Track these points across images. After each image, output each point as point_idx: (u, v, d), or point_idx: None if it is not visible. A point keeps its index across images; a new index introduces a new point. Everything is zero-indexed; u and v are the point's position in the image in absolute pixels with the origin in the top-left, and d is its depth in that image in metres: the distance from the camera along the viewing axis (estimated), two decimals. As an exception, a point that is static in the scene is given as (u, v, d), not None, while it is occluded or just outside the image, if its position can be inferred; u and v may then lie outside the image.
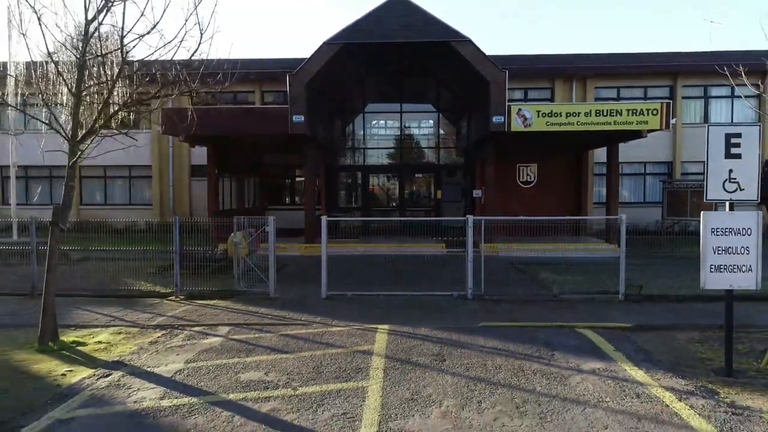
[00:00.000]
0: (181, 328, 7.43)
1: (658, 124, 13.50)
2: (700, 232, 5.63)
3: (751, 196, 5.59)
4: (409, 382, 5.26)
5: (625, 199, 20.20)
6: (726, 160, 5.61)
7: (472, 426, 4.30)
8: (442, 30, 13.89)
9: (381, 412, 4.54)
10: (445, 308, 8.51)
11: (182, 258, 9.91)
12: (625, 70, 19.74)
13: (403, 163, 21.35)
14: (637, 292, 9.30)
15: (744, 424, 4.33)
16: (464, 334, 6.93)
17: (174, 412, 4.60)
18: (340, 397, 4.88)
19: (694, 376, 5.44)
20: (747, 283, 5.55)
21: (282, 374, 5.47)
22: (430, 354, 6.13)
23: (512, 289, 9.95)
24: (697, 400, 4.83)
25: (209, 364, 5.83)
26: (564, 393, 4.99)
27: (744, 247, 5.53)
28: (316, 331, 7.19)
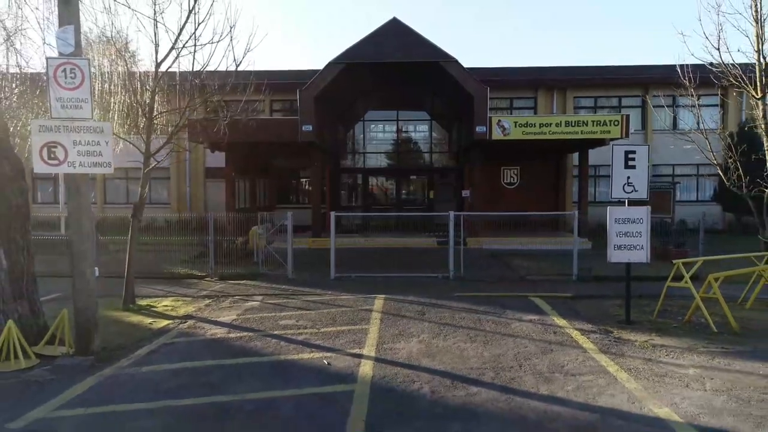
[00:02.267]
0: (224, 297, 9.81)
1: (619, 133, 15.91)
2: (607, 221, 8.00)
3: (642, 195, 7.97)
4: (398, 326, 7.64)
5: (604, 197, 22.60)
6: (625, 170, 7.99)
7: (438, 347, 6.67)
8: (432, 51, 16.28)
9: (378, 340, 6.92)
10: (430, 285, 10.88)
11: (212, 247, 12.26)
12: (601, 81, 22.12)
13: (400, 166, 23.73)
14: (587, 274, 11.66)
15: (617, 346, 6.71)
16: (441, 300, 9.32)
17: (239, 340, 6.98)
18: (350, 333, 7.26)
19: (601, 323, 7.82)
20: (639, 258, 7.92)
21: (308, 321, 7.86)
22: (414, 311, 8.52)
23: (488, 272, 12.32)
24: (594, 335, 7.21)
25: (254, 316, 8.22)
26: (504, 331, 7.38)
27: (638, 232, 7.91)
28: (329, 298, 9.58)
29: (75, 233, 6.17)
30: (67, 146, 5.92)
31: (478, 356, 6.28)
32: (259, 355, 6.41)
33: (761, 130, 9.41)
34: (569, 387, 5.32)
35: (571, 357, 6.27)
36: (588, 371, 5.78)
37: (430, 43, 16.45)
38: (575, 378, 5.57)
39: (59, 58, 5.85)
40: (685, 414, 4.66)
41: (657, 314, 8.21)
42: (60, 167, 5.97)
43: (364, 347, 6.60)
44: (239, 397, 5.07)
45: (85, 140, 5.97)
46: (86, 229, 6.20)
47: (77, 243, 6.13)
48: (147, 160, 8.97)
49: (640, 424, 4.49)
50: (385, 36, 16.52)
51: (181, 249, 13.97)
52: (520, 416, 4.67)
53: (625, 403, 4.91)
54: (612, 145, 8.12)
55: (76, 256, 6.14)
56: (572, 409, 4.82)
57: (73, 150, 5.94)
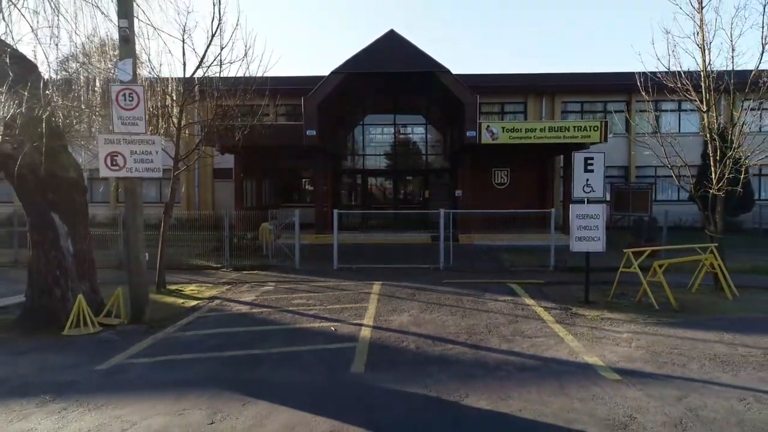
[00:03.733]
0: (241, 283, 11.36)
1: (598, 138, 17.47)
2: (570, 217, 9.55)
3: (599, 194, 9.52)
4: (392, 304, 9.20)
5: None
6: (585, 173, 9.54)
7: (424, 319, 8.21)
8: (426, 62, 17.84)
9: (375, 314, 8.48)
10: (422, 274, 12.43)
11: (227, 241, 13.82)
12: (588, 87, 23.70)
13: (397, 167, 25.29)
14: (563, 265, 13.22)
15: (571, 318, 8.27)
16: (431, 286, 10.88)
17: (260, 314, 8.54)
18: (352, 309, 8.82)
19: (563, 303, 9.38)
20: (596, 248, 9.47)
21: (317, 301, 9.42)
22: (406, 293, 10.08)
23: (475, 264, 13.87)
24: (555, 311, 8.76)
25: (270, 297, 9.78)
26: (481, 308, 8.94)
27: (595, 225, 9.46)
28: (333, 284, 11.14)
29: (130, 226, 7.73)
30: (126, 155, 7.47)
31: (456, 325, 7.83)
32: (279, 324, 7.97)
33: (707, 137, 10.92)
34: (525, 345, 6.87)
35: (531, 326, 7.82)
36: (542, 335, 7.34)
37: (424, 54, 18.00)
38: (531, 339, 7.13)
39: (120, 85, 7.40)
40: (608, 361, 6.21)
41: (613, 296, 9.77)
42: (120, 173, 7.52)
43: (364, 319, 8.16)
44: (267, 350, 6.62)
45: (139, 150, 7.52)
46: (139, 223, 7.76)
47: (132, 234, 7.70)
48: (176, 164, 10.51)
49: (572, 367, 6.04)
50: (383, 47, 18.08)
51: (197, 244, 15.50)
52: (483, 362, 6.22)
53: (565, 355, 6.47)
54: (573, 153, 9.69)
55: (132, 244, 7.70)
56: (523, 358, 6.37)
57: (131, 158, 7.49)
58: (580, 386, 5.40)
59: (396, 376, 5.72)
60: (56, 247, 7.75)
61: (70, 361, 6.25)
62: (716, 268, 10.16)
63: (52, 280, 7.71)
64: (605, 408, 4.85)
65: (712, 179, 10.46)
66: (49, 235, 7.75)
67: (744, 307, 9.01)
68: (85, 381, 5.59)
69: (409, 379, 5.59)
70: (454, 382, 5.49)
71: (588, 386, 5.40)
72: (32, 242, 7.83)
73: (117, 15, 7.38)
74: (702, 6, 10.54)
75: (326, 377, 5.70)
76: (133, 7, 7.40)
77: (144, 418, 4.63)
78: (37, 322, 7.60)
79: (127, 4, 7.34)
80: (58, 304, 7.68)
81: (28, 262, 7.93)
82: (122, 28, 7.28)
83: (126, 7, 7.33)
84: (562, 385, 5.44)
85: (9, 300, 9.44)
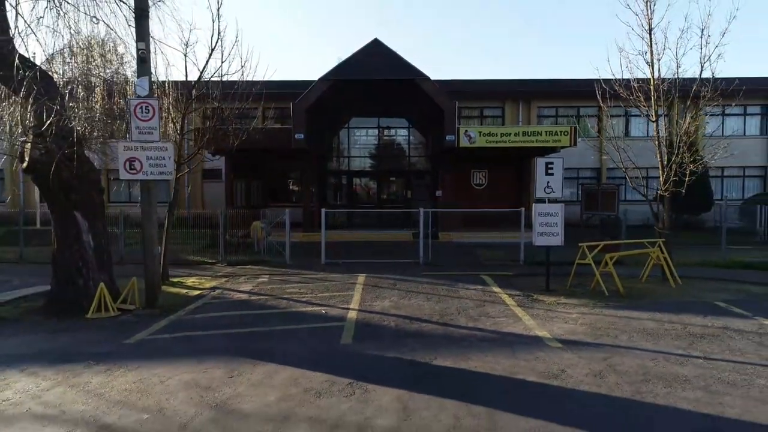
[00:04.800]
0: (237, 276, 12.52)
1: (568, 142, 18.91)
2: (533, 214, 10.89)
3: (558, 195, 10.88)
4: (375, 292, 10.46)
5: (565, 197, 25.72)
6: (546, 176, 10.89)
7: (403, 304, 9.48)
8: (408, 70, 19.12)
9: (360, 300, 9.72)
10: (403, 267, 13.69)
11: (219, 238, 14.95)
12: (562, 93, 25.20)
13: (381, 168, 26.54)
14: (531, 259, 14.59)
15: (531, 303, 9.60)
16: (410, 277, 12.16)
17: (258, 300, 9.73)
18: (340, 296, 10.05)
19: (527, 291, 10.72)
20: (556, 242, 10.82)
21: (308, 290, 10.64)
22: (388, 284, 11.35)
23: (453, 259, 15.19)
24: (518, 297, 10.09)
25: (266, 287, 10.97)
26: (453, 295, 10.23)
27: (555, 222, 10.81)
28: (322, 276, 12.36)
29: (146, 222, 8.87)
30: (143, 160, 8.62)
31: (431, 308, 9.12)
32: (276, 308, 9.18)
33: (655, 144, 12.35)
34: (488, 323, 8.18)
35: (495, 309, 9.14)
36: (504, 316, 8.65)
37: (406, 62, 19.28)
38: (494, 319, 8.43)
39: (138, 99, 8.54)
40: (555, 334, 7.53)
41: (570, 285, 11.14)
42: (137, 176, 8.66)
43: (351, 304, 9.40)
44: (268, 328, 7.84)
45: (154, 156, 8.67)
46: (153, 219, 8.91)
47: (147, 229, 8.84)
48: (179, 167, 11.63)
49: (524, 339, 7.35)
50: (368, 55, 19.31)
51: (192, 241, 16.56)
52: (451, 336, 7.50)
53: (520, 330, 7.78)
54: (535, 158, 11.01)
55: (147, 238, 8.85)
56: (485, 333, 7.67)
57: (146, 163, 8.64)
58: (528, 352, 6.71)
59: (378, 345, 6.97)
60: (78, 241, 8.85)
61: (100, 337, 7.40)
62: (662, 260, 11.59)
63: (75, 270, 8.81)
64: (544, 365, 6.15)
65: (660, 181, 11.92)
66: (72, 231, 8.85)
67: (682, 294, 10.44)
68: (118, 351, 6.75)
69: (389, 348, 6.85)
70: (426, 350, 6.76)
71: (534, 351, 6.71)
72: (56, 237, 8.93)
73: (135, 39, 8.52)
74: (651, 28, 11.99)
75: (320, 347, 6.93)
76: (149, 32, 8.54)
77: (175, 375, 5.82)
78: (62, 307, 8.69)
79: (144, 30, 8.47)
80: (80, 292, 8.78)
81: (53, 255, 9.03)
82: (140, 50, 8.42)
83: (143, 32, 8.47)
84: (513, 351, 6.74)
85: (27, 291, 10.51)
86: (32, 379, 5.67)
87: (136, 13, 8.47)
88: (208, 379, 5.65)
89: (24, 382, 5.61)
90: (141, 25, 8.47)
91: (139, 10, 8.44)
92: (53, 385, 5.50)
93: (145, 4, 8.47)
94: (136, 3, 8.45)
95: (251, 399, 5.10)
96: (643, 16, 12.01)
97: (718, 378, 5.71)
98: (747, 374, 5.81)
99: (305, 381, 5.61)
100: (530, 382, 5.64)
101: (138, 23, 8.47)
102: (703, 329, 7.75)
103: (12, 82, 7.95)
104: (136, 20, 8.49)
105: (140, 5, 8.43)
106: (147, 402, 5.04)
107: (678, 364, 6.16)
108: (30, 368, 6.03)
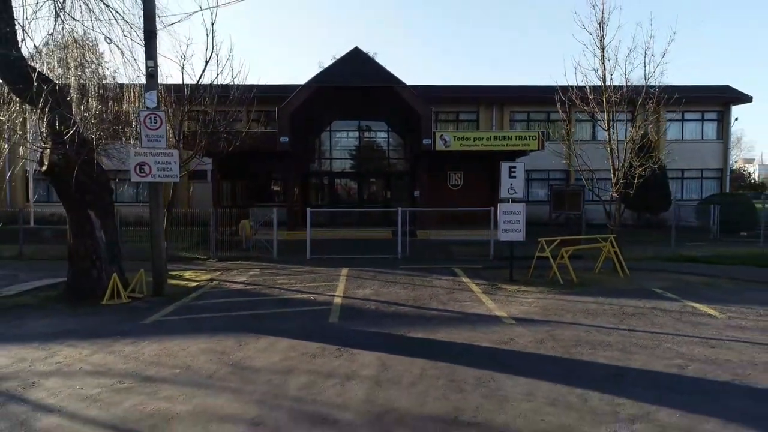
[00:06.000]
0: (230, 270, 13.73)
1: (536, 146, 20.49)
2: (498, 213, 12.33)
3: (520, 196, 12.35)
4: (357, 282, 11.79)
5: (537, 198, 27.42)
6: (509, 179, 12.34)
7: (382, 292, 10.82)
8: (386, 78, 20.48)
9: (344, 289, 11.05)
10: (383, 262, 15.05)
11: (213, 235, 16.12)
12: (533, 99, 26.83)
13: (362, 170, 27.86)
14: (501, 255, 16.06)
15: (494, 290, 11.03)
16: (389, 270, 13.52)
17: (253, 289, 10.99)
18: (326, 286, 11.37)
19: (492, 281, 12.15)
20: (518, 237, 12.28)
21: (297, 281, 11.93)
22: (369, 276, 12.69)
23: (429, 254, 16.60)
24: (484, 286, 11.52)
25: (258, 279, 12.22)
26: (427, 284, 11.62)
27: (517, 220, 12.27)
28: (308, 269, 13.66)
29: (154, 220, 10.07)
30: (151, 165, 9.81)
31: (407, 295, 10.49)
32: (269, 296, 10.46)
33: (608, 150, 13.94)
34: (455, 306, 9.57)
35: (463, 295, 10.55)
36: (470, 300, 10.06)
37: (385, 70, 20.66)
38: (461, 303, 9.84)
39: (147, 110, 9.74)
40: (511, 314, 8.96)
41: (531, 275, 12.62)
42: (146, 178, 9.85)
43: (336, 292, 10.72)
44: (265, 311, 9.12)
45: (161, 161, 9.87)
46: (161, 217, 10.10)
47: (155, 225, 10.04)
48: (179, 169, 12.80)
49: (484, 317, 8.75)
50: (349, 63, 20.63)
51: (182, 238, 17.70)
52: (423, 316, 8.87)
53: (482, 311, 9.19)
54: (501, 163, 12.46)
55: (155, 234, 10.05)
56: (452, 313, 9.06)
57: (155, 167, 9.83)
58: (486, 326, 8.11)
59: (361, 323, 8.32)
60: (92, 237, 10.01)
61: (119, 319, 8.60)
62: (612, 254, 13.15)
63: (90, 263, 9.97)
64: (497, 336, 7.57)
65: (612, 183, 13.50)
66: (86, 227, 10.00)
67: (627, 283, 12.00)
68: (138, 329, 7.97)
69: (370, 324, 8.20)
70: (402, 325, 8.12)
71: (491, 326, 8.12)
72: (72, 234, 10.07)
73: (145, 57, 9.71)
74: (603, 47, 13.56)
75: (311, 324, 8.24)
76: (157, 51, 9.74)
77: (193, 344, 7.08)
78: (78, 296, 9.84)
79: (152, 50, 9.67)
80: (94, 282, 9.94)
81: (69, 249, 10.16)
82: (149, 67, 9.62)
83: (152, 51, 9.67)
84: (474, 326, 8.14)
85: (37, 283, 11.60)
86: (74, 349, 6.88)
87: (145, 35, 9.66)
88: (221, 347, 6.93)
89: (67, 351, 6.82)
90: (150, 45, 9.67)
91: (148, 32, 9.64)
92: (93, 353, 6.72)
93: (153, 27, 9.67)
94: (145, 26, 9.64)
95: (260, 359, 6.41)
96: (597, 36, 13.60)
97: (634, 343, 7.18)
98: (658, 341, 7.30)
99: (301, 347, 6.92)
100: (484, 346, 7.05)
101: (147, 44, 9.66)
102: (635, 309, 9.27)
103: (27, 93, 9.09)
104: (145, 41, 9.68)
105: (149, 28, 9.62)
106: (175, 362, 6.31)
107: (605, 334, 7.63)
108: (68, 342, 7.23)
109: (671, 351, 6.80)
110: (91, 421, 4.63)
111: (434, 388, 5.46)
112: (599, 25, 13.48)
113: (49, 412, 4.83)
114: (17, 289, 10.90)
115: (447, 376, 5.83)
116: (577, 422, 4.67)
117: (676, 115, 27.97)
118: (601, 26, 13.47)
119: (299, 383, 5.57)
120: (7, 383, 5.60)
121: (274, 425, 4.56)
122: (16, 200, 27.51)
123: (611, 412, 4.86)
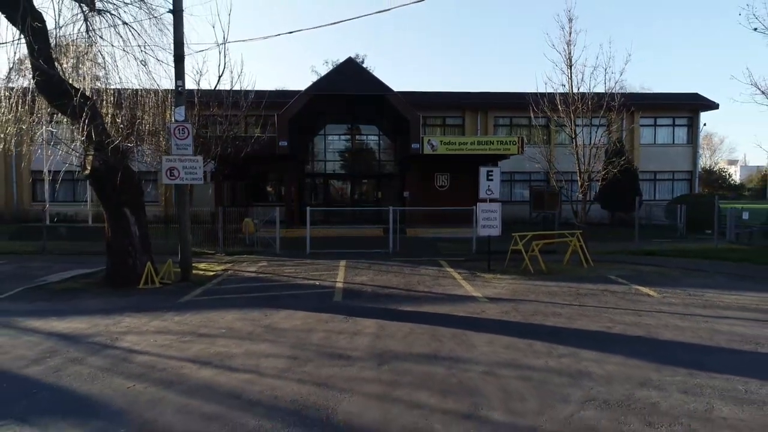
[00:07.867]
0: (239, 262, 15.56)
1: (516, 150, 22.53)
2: (477, 211, 14.28)
3: (496, 196, 14.32)
4: (355, 272, 13.69)
5: (519, 198, 29.48)
6: (487, 181, 14.30)
7: (377, 279, 12.73)
8: (378, 86, 22.42)
9: (344, 276, 12.94)
10: (376, 256, 16.95)
11: (218, 232, 17.92)
12: (515, 104, 28.85)
13: (355, 171, 29.77)
14: (482, 250, 18.02)
15: (473, 278, 12.99)
16: (382, 262, 15.44)
17: (265, 277, 12.85)
18: (328, 274, 13.25)
19: (472, 270, 14.11)
20: (495, 233, 14.25)
21: (302, 271, 13.80)
22: (365, 266, 14.61)
23: (417, 249, 18.54)
24: (465, 274, 13.47)
25: (267, 269, 14.08)
26: (415, 273, 13.55)
27: (494, 217, 14.23)
28: (310, 261, 15.53)
29: (182, 215, 11.89)
30: (180, 169, 11.63)
31: (398, 281, 12.41)
32: (280, 281, 12.33)
33: (574, 153, 15.98)
34: (439, 289, 11.50)
35: (446, 281, 12.48)
36: (452, 285, 12.00)
37: (377, 79, 22.59)
38: (444, 287, 11.77)
39: (176, 123, 11.56)
40: (485, 294, 10.90)
41: (507, 266, 14.60)
42: (176, 181, 11.67)
43: (337, 279, 12.62)
44: (279, 293, 10.98)
45: (188, 166, 11.69)
46: (187, 212, 11.92)
47: (182, 219, 11.87)
48: (195, 172, 14.61)
49: (463, 297, 10.68)
50: (343, 73, 22.55)
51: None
52: (411, 296, 10.79)
53: (461, 293, 11.12)
54: (480, 167, 14.41)
55: (182, 228, 11.87)
56: (436, 294, 10.99)
57: (183, 171, 11.65)
58: (463, 303, 10.05)
59: (361, 300, 10.22)
60: (127, 231, 11.80)
61: (158, 299, 10.42)
62: (578, 248, 15.16)
63: (126, 253, 11.76)
64: (472, 309, 9.51)
65: (579, 184, 15.55)
66: (122, 223, 11.79)
67: (589, 272, 14.01)
68: (177, 306, 9.80)
69: (369, 301, 10.11)
70: (394, 302, 10.04)
71: (468, 303, 10.06)
72: (110, 229, 11.85)
73: (174, 77, 11.53)
74: (571, 64, 15.61)
75: (319, 302, 10.13)
76: (184, 72, 11.57)
77: (227, 315, 8.93)
78: (116, 282, 11.63)
79: (181, 71, 11.50)
80: (130, 270, 11.73)
81: (107, 241, 11.94)
82: (178, 86, 11.44)
83: (180, 72, 11.50)
84: (453, 303, 10.08)
85: (73, 272, 13.35)
86: (133, 318, 8.71)
87: (175, 59, 11.49)
88: (251, 317, 8.80)
89: (129, 320, 8.65)
90: (179, 68, 11.49)
91: (177, 56, 11.47)
92: (149, 321, 8.56)
93: (182, 52, 11.49)
94: (175, 51, 11.47)
95: (285, 323, 8.30)
96: (565, 55, 15.64)
97: (580, 314, 9.17)
98: (599, 312, 9.29)
99: (315, 316, 8.81)
100: (461, 316, 8.99)
101: (176, 66, 11.49)
102: (589, 291, 11.27)
103: (68, 108, 10.85)
104: (175, 63, 11.51)
105: (178, 52, 11.45)
106: (219, 325, 8.17)
107: (559, 308, 9.61)
108: (125, 314, 9.05)
109: (606, 318, 8.79)
110: (174, 358, 6.49)
111: (420, 339, 7.39)
112: (567, 45, 15.53)
113: (139, 354, 6.68)
114: (59, 277, 12.65)
115: (429, 333, 7.76)
116: (522, 357, 6.62)
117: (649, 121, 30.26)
118: (569, 46, 15.52)
119: (319, 337, 7.48)
120: (95, 338, 7.43)
121: (306, 358, 6.45)
122: (22, 201, 29.06)
123: (547, 352, 6.82)
